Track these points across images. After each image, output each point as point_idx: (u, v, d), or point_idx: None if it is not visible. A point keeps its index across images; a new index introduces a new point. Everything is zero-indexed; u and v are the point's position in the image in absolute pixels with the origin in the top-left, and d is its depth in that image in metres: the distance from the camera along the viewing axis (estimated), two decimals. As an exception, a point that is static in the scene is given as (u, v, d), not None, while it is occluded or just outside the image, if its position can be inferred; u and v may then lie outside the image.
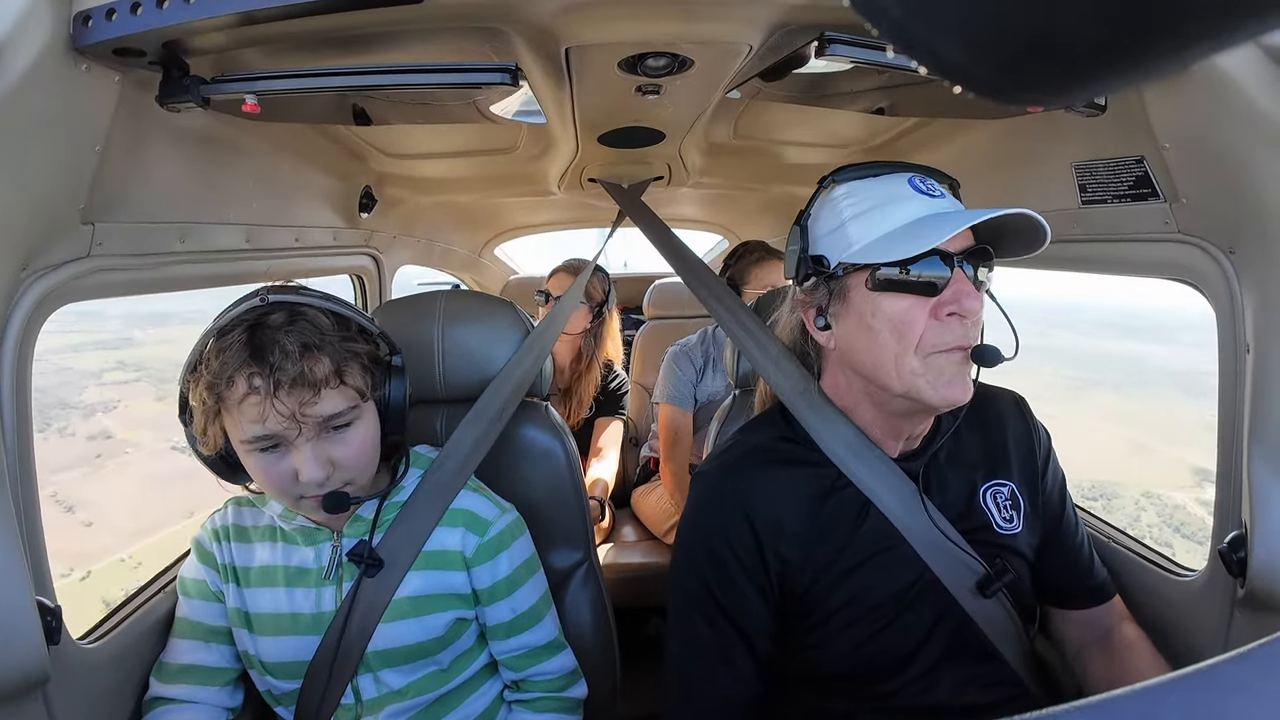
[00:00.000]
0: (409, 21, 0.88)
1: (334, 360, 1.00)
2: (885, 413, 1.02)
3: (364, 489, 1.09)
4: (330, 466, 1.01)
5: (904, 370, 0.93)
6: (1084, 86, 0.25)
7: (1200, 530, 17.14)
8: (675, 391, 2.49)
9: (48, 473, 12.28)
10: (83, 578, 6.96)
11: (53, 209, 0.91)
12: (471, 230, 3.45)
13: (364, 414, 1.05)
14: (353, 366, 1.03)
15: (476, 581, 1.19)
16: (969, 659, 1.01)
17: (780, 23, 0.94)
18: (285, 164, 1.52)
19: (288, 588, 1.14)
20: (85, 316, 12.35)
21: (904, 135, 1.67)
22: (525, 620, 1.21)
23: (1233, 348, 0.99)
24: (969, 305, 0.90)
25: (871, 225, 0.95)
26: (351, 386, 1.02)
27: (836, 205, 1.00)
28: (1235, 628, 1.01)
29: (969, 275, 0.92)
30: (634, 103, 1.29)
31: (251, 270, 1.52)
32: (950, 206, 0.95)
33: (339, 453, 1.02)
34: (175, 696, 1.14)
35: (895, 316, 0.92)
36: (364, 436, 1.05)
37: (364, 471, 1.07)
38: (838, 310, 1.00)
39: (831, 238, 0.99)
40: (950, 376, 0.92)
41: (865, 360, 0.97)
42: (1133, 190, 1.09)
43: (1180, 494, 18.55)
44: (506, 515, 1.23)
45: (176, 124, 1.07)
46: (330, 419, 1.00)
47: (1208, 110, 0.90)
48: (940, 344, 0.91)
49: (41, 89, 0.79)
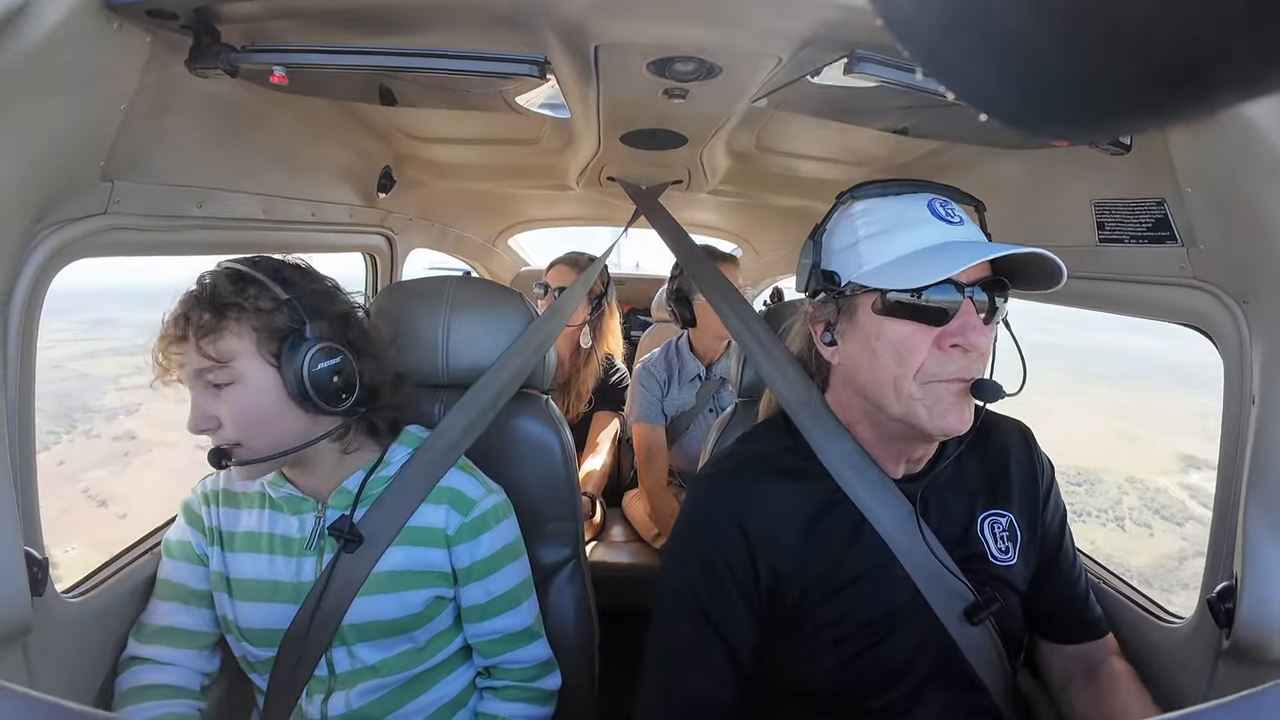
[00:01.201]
0: (441, 6, 0.89)
1: (215, 317, 1.01)
2: (882, 434, 1.02)
3: (260, 453, 1.05)
4: (212, 421, 1.03)
5: (902, 394, 0.92)
6: (1111, 125, 0.25)
7: (1180, 512, 17.19)
8: (644, 410, 2.53)
9: (79, 470, 12.70)
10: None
11: (74, 163, 0.91)
12: (487, 219, 3.45)
13: (245, 376, 1.02)
14: (236, 326, 1.02)
15: (456, 560, 1.18)
16: (953, 686, 1.01)
17: (811, 37, 0.94)
18: (306, 138, 1.52)
19: (269, 555, 1.15)
20: (100, 325, 12.64)
21: (926, 158, 1.67)
22: (501, 604, 1.21)
23: (1238, 398, 0.99)
24: (973, 339, 0.89)
25: (885, 247, 0.94)
26: (226, 346, 1.02)
27: (853, 222, 0.99)
28: (1219, 678, 1.00)
29: (984, 304, 0.91)
30: (659, 105, 1.29)
31: (266, 240, 1.52)
32: (968, 234, 0.95)
33: (218, 410, 1.03)
34: (152, 657, 1.14)
35: (898, 341, 0.92)
36: (244, 399, 1.03)
37: (252, 436, 1.04)
38: (844, 328, 1.00)
39: (844, 255, 0.99)
40: (947, 406, 0.92)
41: (866, 380, 0.97)
42: (1151, 232, 1.09)
43: (1164, 479, 18.75)
44: (492, 496, 1.23)
45: (203, 89, 1.07)
46: (202, 372, 1.02)
47: (1232, 156, 0.90)
48: (940, 374, 0.91)
49: (73, 44, 0.79)
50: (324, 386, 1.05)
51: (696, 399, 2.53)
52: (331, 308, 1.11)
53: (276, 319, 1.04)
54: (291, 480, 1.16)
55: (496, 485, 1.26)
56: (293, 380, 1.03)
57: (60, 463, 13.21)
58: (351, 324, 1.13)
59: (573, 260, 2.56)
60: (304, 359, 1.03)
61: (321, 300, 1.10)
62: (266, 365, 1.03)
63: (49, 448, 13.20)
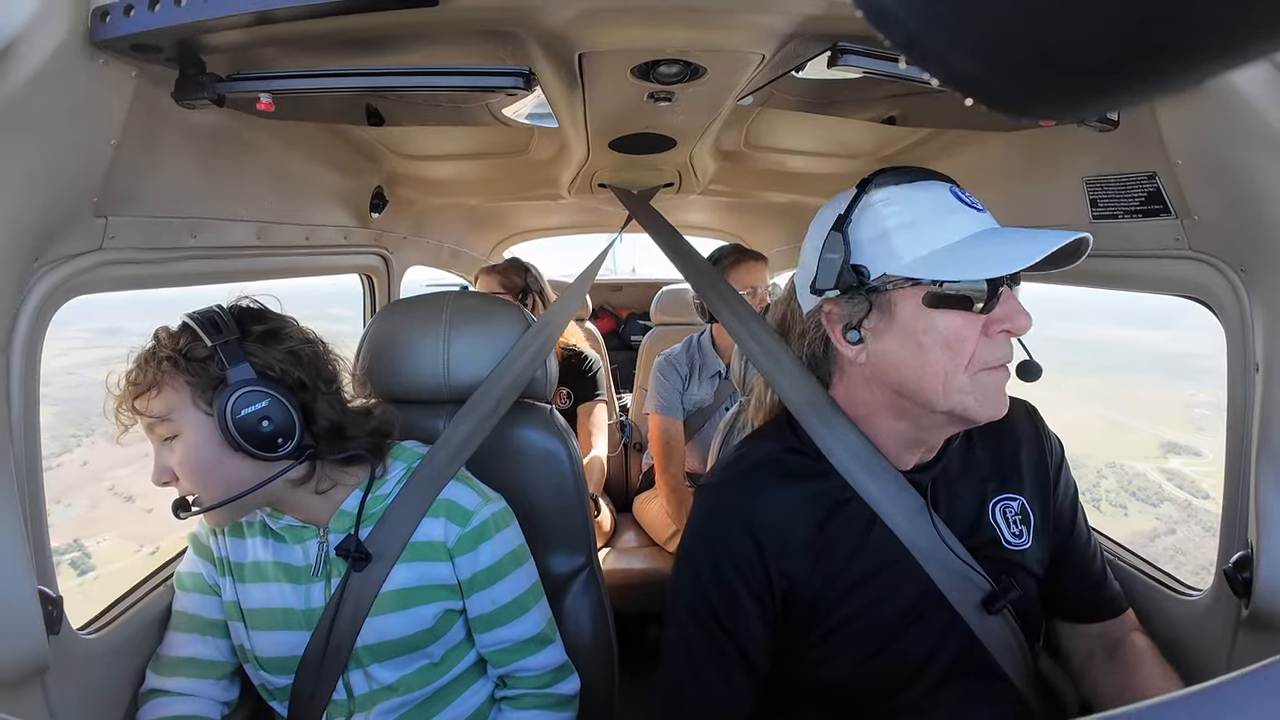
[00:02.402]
0: (424, 24, 0.89)
1: (152, 373, 1.01)
2: (914, 426, 0.99)
3: (216, 500, 1.04)
4: (167, 473, 1.04)
5: (951, 388, 0.90)
6: (1096, 101, 0.25)
7: (1155, 494, 17.75)
8: (664, 401, 2.50)
9: (104, 469, 13.07)
10: (152, 552, 7.96)
11: (67, 201, 0.92)
12: (481, 232, 3.46)
13: (182, 429, 1.02)
14: (172, 381, 1.02)
15: (459, 572, 1.18)
16: (973, 676, 1.00)
17: (793, 33, 0.94)
18: (297, 162, 1.53)
19: (278, 583, 1.15)
20: (108, 333, 12.81)
21: (915, 146, 1.67)
22: (507, 613, 1.20)
23: (1242, 367, 0.99)
24: (1021, 323, 0.88)
25: (922, 238, 0.90)
26: (162, 402, 1.02)
27: (877, 212, 0.94)
28: (1239, 648, 1.00)
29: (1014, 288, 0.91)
30: (646, 109, 1.29)
31: (261, 266, 1.52)
32: (993, 221, 0.93)
33: (171, 462, 1.03)
34: (171, 689, 1.14)
35: (950, 334, 0.89)
36: (186, 452, 1.02)
37: (200, 486, 1.04)
38: (877, 324, 0.95)
39: (873, 247, 0.93)
40: (995, 392, 0.91)
41: (909, 377, 0.93)
42: (1144, 206, 1.09)
43: (1143, 464, 19.17)
44: (490, 505, 1.22)
45: (191, 120, 1.07)
46: (150, 428, 1.03)
47: (1220, 127, 0.90)
48: (991, 360, 0.90)
49: (59, 82, 0.80)
50: (251, 432, 1.01)
51: (715, 397, 2.51)
52: (276, 346, 1.07)
53: (210, 368, 1.03)
54: (288, 514, 1.15)
55: (495, 494, 1.25)
56: (224, 429, 1.02)
57: (84, 463, 13.60)
58: (302, 362, 1.09)
59: (492, 268, 2.62)
60: (226, 406, 1.01)
61: (261, 341, 1.07)
62: (204, 416, 1.02)
63: (71, 449, 13.63)
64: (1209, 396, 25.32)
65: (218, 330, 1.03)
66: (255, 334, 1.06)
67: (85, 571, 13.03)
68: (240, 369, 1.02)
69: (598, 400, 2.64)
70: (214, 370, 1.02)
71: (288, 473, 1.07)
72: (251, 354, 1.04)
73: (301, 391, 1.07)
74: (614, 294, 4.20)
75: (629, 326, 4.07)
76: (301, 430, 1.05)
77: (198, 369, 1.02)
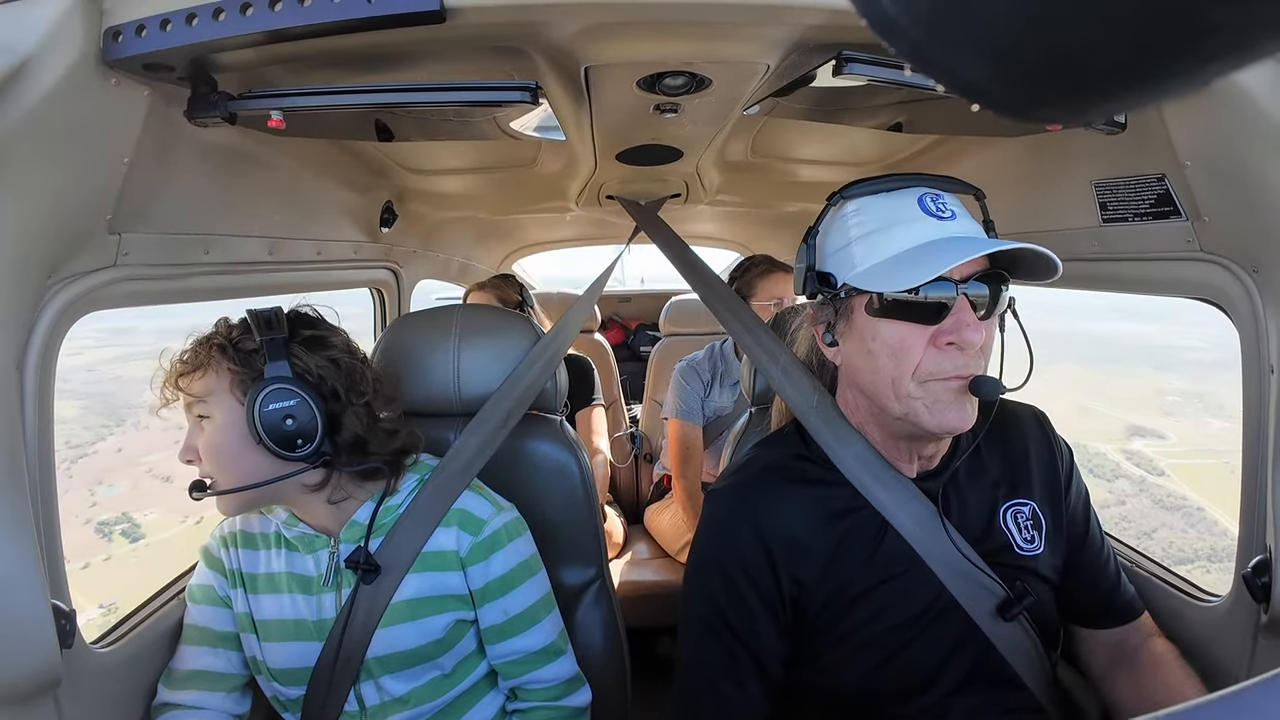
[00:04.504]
0: (432, 41, 0.90)
1: (199, 356, 1.07)
2: (889, 434, 1.01)
3: (224, 487, 1.07)
4: (192, 453, 1.08)
5: (901, 394, 0.92)
6: (1103, 105, 0.25)
7: (1112, 471, 18.59)
8: (684, 406, 2.48)
9: (138, 455, 13.71)
10: (197, 522, 8.87)
11: (81, 218, 0.93)
12: (490, 246, 3.48)
13: (214, 412, 1.06)
14: (215, 365, 1.07)
15: (471, 581, 1.18)
16: (988, 684, 0.99)
17: (798, 42, 0.95)
18: (308, 178, 1.54)
19: (290, 594, 1.15)
20: (120, 333, 13.32)
21: (922, 153, 1.67)
22: (519, 623, 1.20)
23: (1257, 368, 0.97)
24: (968, 337, 0.88)
25: (875, 248, 0.93)
26: (201, 384, 1.06)
27: (845, 223, 0.98)
28: (1259, 654, 0.98)
29: (982, 299, 0.90)
30: (652, 121, 1.30)
31: (273, 281, 1.54)
32: (961, 229, 0.93)
33: (198, 442, 1.07)
34: (183, 702, 1.14)
35: (894, 342, 0.91)
36: (213, 434, 1.06)
37: (218, 470, 1.07)
38: (843, 329, 0.99)
39: (838, 256, 0.98)
40: (946, 405, 0.90)
41: (867, 381, 0.97)
42: (1154, 208, 1.08)
43: (1104, 445, 19.72)
44: (503, 514, 1.22)
45: (203, 137, 1.09)
46: (188, 406, 1.08)
47: (1229, 127, 0.89)
48: (938, 372, 0.90)
49: (72, 101, 0.81)
50: (274, 427, 1.04)
51: (735, 405, 2.49)
52: (319, 352, 1.10)
53: (254, 361, 1.07)
54: (302, 520, 1.16)
55: (508, 504, 1.25)
56: (250, 420, 1.05)
57: (119, 450, 14.17)
58: (340, 371, 1.11)
59: (485, 284, 2.59)
60: (256, 398, 1.04)
61: (306, 345, 1.10)
62: (236, 404, 1.06)
63: (104, 438, 14.25)
64: (1183, 384, 25.42)
65: (269, 327, 1.07)
66: (302, 337, 1.10)
67: (137, 540, 13.39)
68: (278, 365, 1.06)
69: (594, 405, 2.64)
70: (257, 364, 1.06)
71: (302, 475, 1.09)
72: (294, 355, 1.08)
73: (334, 400, 1.10)
74: (623, 305, 4.20)
75: (638, 337, 4.07)
76: (323, 436, 1.07)
77: (243, 359, 1.06)
